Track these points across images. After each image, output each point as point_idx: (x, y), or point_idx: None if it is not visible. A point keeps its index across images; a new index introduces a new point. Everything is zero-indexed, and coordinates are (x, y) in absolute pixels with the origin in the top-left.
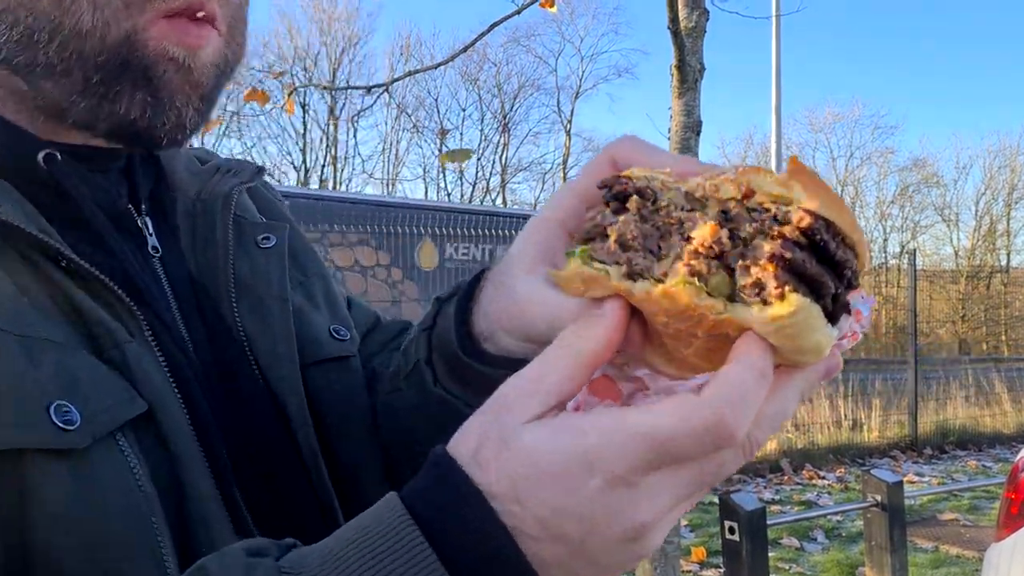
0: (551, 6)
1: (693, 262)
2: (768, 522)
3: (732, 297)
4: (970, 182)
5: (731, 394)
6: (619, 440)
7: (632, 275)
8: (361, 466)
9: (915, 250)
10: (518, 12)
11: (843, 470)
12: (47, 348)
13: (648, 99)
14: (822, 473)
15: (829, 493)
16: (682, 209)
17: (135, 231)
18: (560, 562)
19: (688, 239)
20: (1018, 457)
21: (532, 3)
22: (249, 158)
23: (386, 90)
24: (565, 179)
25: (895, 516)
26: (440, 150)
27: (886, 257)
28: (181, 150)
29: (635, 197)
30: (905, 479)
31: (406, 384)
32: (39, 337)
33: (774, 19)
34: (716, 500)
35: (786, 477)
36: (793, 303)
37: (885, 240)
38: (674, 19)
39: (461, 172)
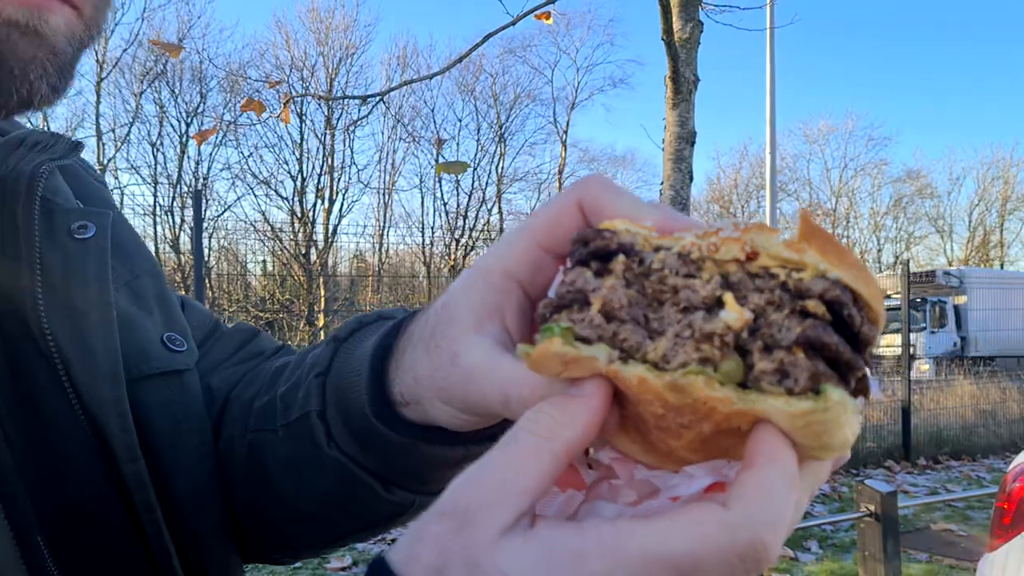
0: (547, 18)
1: (705, 347)
2: None
3: (744, 384)
4: (964, 194)
5: (768, 510)
6: (627, 565)
7: (622, 354)
8: (197, 508)
9: (909, 261)
10: (513, 23)
11: (837, 480)
12: None
13: (643, 110)
14: None
15: (823, 503)
16: (676, 273)
17: None
18: None
19: (684, 310)
20: (1010, 467)
21: (527, 14)
22: (246, 167)
23: (382, 100)
24: (561, 188)
25: (889, 526)
26: (436, 160)
27: (880, 268)
28: None
29: (621, 257)
30: (899, 489)
31: (286, 433)
32: None
33: (768, 32)
34: None
35: None
36: (831, 398)
37: (879, 251)
38: (668, 30)
39: (457, 182)
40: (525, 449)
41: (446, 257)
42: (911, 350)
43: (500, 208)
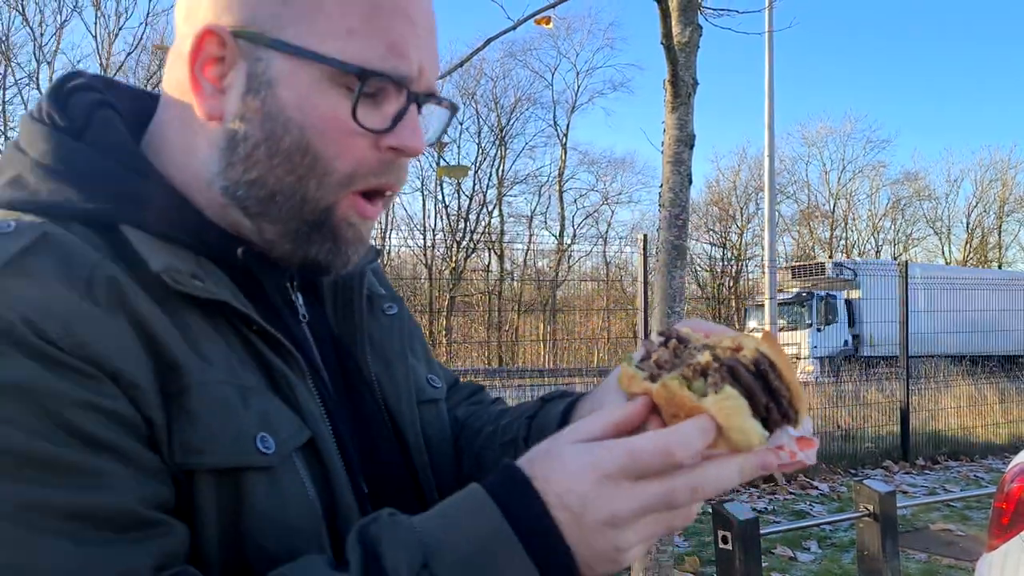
0: (547, 23)
1: (686, 371)
2: (761, 531)
3: (704, 395)
4: (962, 195)
5: (679, 432)
6: (614, 449)
7: (653, 379)
8: (447, 490)
9: (907, 262)
10: (513, 28)
11: (836, 480)
12: (251, 393)
13: (642, 113)
14: (815, 483)
15: (822, 503)
16: (697, 351)
17: (290, 302)
18: (568, 523)
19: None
20: (1008, 467)
21: (528, 19)
22: None
23: None
24: (561, 191)
25: (887, 526)
26: (438, 163)
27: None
28: None
29: (674, 340)
30: (897, 489)
31: (501, 450)
32: (246, 385)
33: (767, 35)
34: (709, 509)
35: (779, 487)
36: (725, 391)
37: (877, 252)
38: (667, 34)
39: (458, 185)
40: (595, 420)
41: (447, 259)
42: (797, 349)
43: (501, 211)
